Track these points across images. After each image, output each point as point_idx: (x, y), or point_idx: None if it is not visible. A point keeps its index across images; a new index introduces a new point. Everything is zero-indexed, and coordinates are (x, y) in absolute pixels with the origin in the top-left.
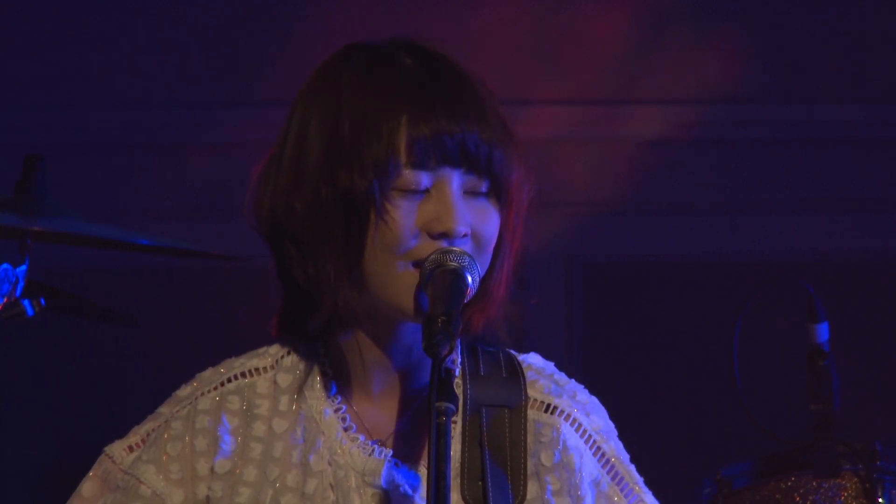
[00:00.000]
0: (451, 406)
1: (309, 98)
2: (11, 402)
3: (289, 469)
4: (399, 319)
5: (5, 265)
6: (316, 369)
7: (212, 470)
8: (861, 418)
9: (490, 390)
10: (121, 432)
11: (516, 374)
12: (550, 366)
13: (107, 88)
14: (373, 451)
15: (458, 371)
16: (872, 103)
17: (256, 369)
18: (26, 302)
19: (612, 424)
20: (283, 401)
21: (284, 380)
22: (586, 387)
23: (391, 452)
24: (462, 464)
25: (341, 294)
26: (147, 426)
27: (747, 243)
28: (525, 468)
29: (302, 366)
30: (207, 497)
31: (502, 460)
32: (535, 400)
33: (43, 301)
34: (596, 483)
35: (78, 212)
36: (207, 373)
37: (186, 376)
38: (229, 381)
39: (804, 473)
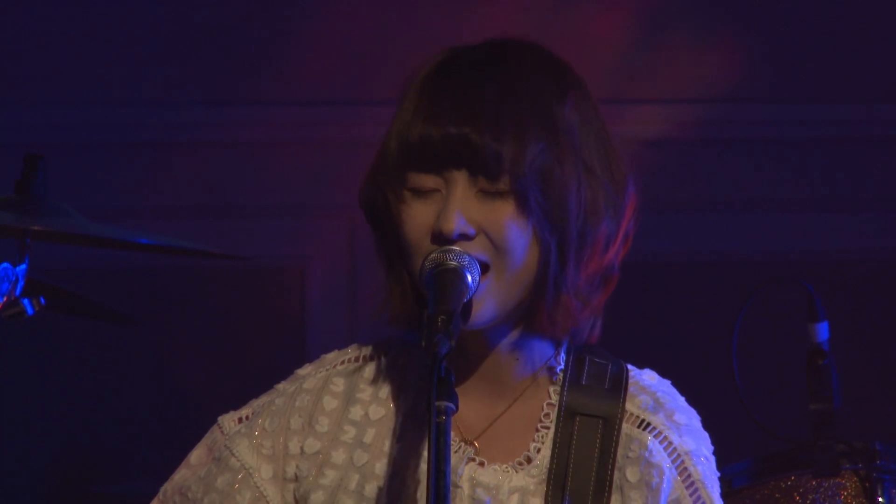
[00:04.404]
0: (451, 405)
1: None
2: (11, 401)
3: (378, 457)
4: None
5: (5, 264)
6: (420, 362)
7: (302, 449)
8: (861, 418)
9: (587, 400)
10: (121, 431)
11: (619, 387)
12: (663, 384)
13: (107, 88)
14: (458, 448)
15: (556, 377)
16: (872, 103)
17: (371, 355)
18: (26, 301)
19: (707, 451)
20: (386, 389)
21: (391, 369)
22: None
23: (472, 451)
24: (549, 470)
25: (393, 291)
26: (261, 400)
27: (747, 243)
28: (610, 481)
29: (410, 357)
30: (295, 475)
31: (588, 470)
32: (632, 414)
33: (43, 300)
34: (676, 503)
35: (78, 211)
36: (332, 354)
37: (186, 376)
38: (343, 363)
39: (804, 472)
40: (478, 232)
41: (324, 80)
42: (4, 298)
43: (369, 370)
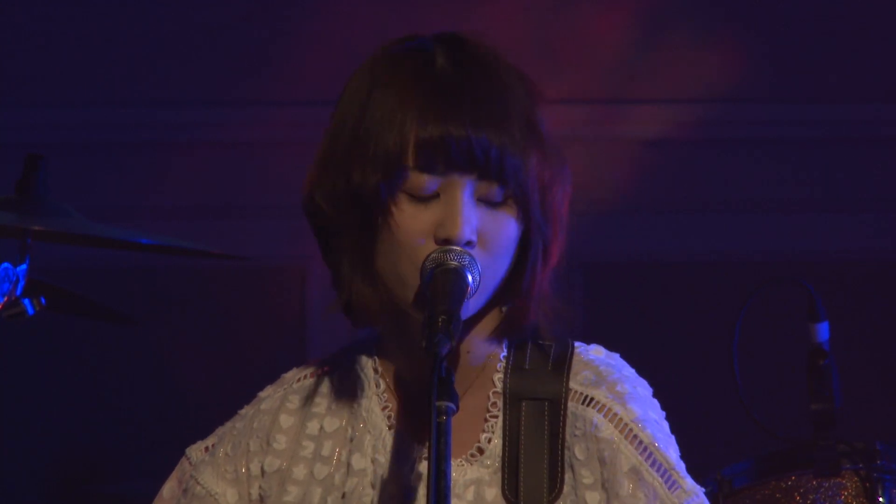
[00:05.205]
0: (452, 405)
1: (347, 89)
2: (11, 401)
3: (338, 468)
4: (417, 318)
5: (6, 264)
6: (370, 367)
7: (262, 470)
8: (862, 418)
9: (531, 383)
10: (121, 431)
11: (562, 366)
12: (610, 357)
13: (107, 87)
14: (412, 448)
15: (500, 365)
16: (872, 103)
17: (326, 369)
18: (27, 301)
19: (653, 414)
20: (338, 399)
21: (342, 378)
22: None
23: (426, 450)
24: (502, 458)
25: (354, 288)
26: (225, 427)
27: (747, 243)
28: (562, 461)
29: (359, 364)
30: (260, 496)
31: (540, 454)
32: (576, 392)
33: (43, 300)
34: (635, 471)
35: (78, 211)
36: (290, 373)
37: (186, 376)
38: (298, 380)
39: (804, 473)
40: (478, 238)
41: (324, 80)
42: (5, 298)
43: (324, 384)
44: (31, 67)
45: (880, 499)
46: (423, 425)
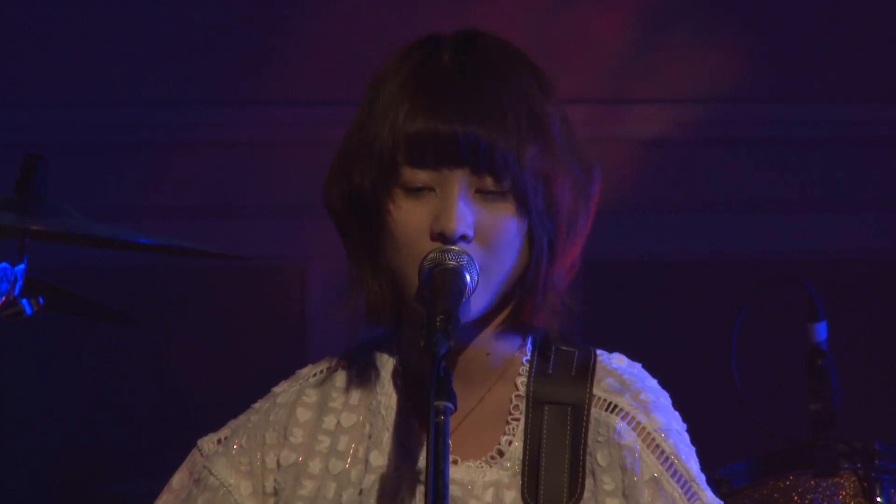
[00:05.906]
0: (450, 405)
1: (365, 90)
2: (11, 401)
3: (353, 464)
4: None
5: (4, 264)
6: (389, 364)
7: (278, 463)
8: (861, 418)
9: (554, 388)
10: (121, 431)
11: (585, 372)
12: (632, 366)
13: (107, 87)
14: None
15: (523, 368)
16: (872, 103)
17: (342, 364)
18: (25, 301)
19: (675, 425)
20: (356, 395)
21: (360, 374)
22: None
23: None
24: (523, 461)
25: (365, 287)
26: (238, 420)
27: (747, 243)
28: (583, 466)
29: (378, 361)
30: (274, 489)
31: (561, 458)
32: (599, 398)
33: (41, 300)
34: (655, 481)
35: (77, 211)
36: (305, 369)
37: (186, 376)
38: (314, 375)
39: (803, 472)
40: (475, 233)
41: (324, 80)
42: (3, 298)
43: (340, 379)
44: (31, 67)
45: (878, 499)
46: (451, 426)
